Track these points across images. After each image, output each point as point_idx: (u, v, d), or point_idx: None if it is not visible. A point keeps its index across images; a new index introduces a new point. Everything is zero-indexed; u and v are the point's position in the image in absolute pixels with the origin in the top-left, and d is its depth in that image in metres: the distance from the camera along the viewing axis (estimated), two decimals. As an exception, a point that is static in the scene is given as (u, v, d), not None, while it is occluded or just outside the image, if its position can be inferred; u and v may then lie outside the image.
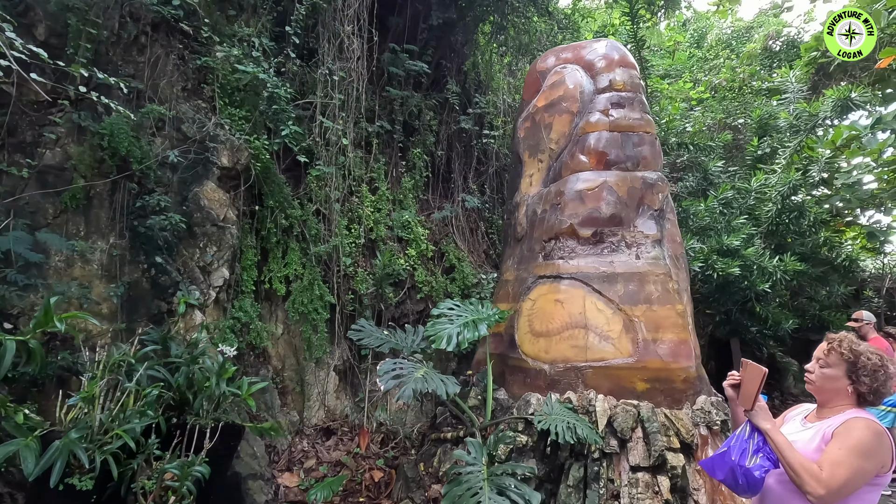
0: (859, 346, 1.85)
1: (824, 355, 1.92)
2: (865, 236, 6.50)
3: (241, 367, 4.80)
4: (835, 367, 1.88)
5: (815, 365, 1.96)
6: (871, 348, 1.86)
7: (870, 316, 5.50)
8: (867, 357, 1.82)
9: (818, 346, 1.98)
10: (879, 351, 1.84)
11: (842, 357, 1.86)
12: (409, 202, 6.80)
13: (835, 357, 1.88)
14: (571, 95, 4.57)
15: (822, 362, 1.93)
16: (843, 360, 1.86)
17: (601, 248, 4.12)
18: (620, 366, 3.73)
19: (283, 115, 4.67)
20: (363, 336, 4.11)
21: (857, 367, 1.83)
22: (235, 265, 4.67)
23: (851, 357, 1.84)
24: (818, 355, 1.96)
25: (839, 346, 1.88)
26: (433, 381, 3.37)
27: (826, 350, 1.92)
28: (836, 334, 1.96)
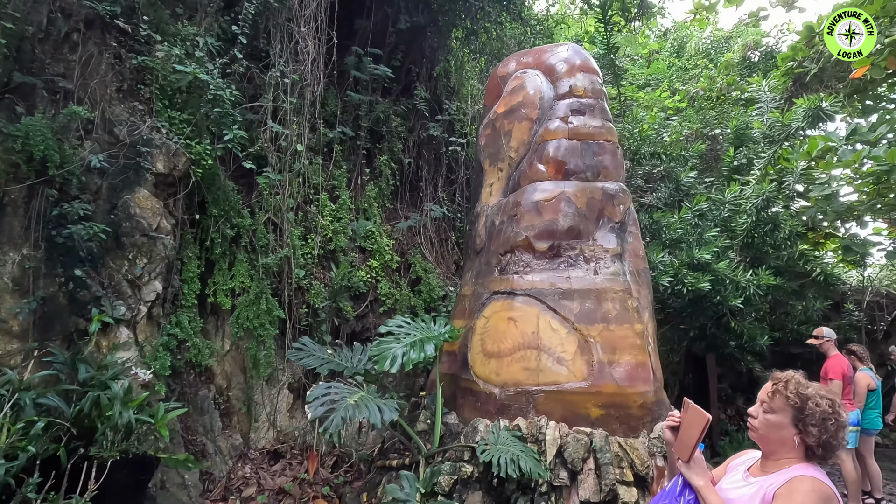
0: (807, 389, 1.57)
1: (768, 398, 1.64)
2: (841, 250, 6.32)
3: (179, 388, 4.49)
4: (780, 412, 1.59)
5: (758, 409, 1.68)
6: (821, 391, 1.58)
7: (830, 332, 5.30)
8: (816, 403, 1.54)
9: (763, 387, 1.71)
10: (832, 395, 1.58)
11: (787, 401, 1.58)
12: (374, 211, 6.53)
13: (780, 401, 1.60)
14: (531, 101, 4.35)
15: (767, 406, 1.64)
16: (789, 406, 1.57)
17: (558, 263, 3.88)
18: (574, 390, 3.47)
19: (227, 118, 4.39)
20: (303, 356, 3.82)
21: (804, 415, 1.54)
22: (172, 277, 4.37)
23: (798, 402, 1.56)
24: (762, 397, 1.67)
25: (785, 388, 1.60)
26: (366, 409, 3.08)
27: (770, 392, 1.64)
28: (782, 373, 1.68)
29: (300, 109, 5.21)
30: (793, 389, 1.58)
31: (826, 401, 1.54)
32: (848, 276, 11.01)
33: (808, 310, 6.44)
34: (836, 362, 5.02)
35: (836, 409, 1.53)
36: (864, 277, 10.64)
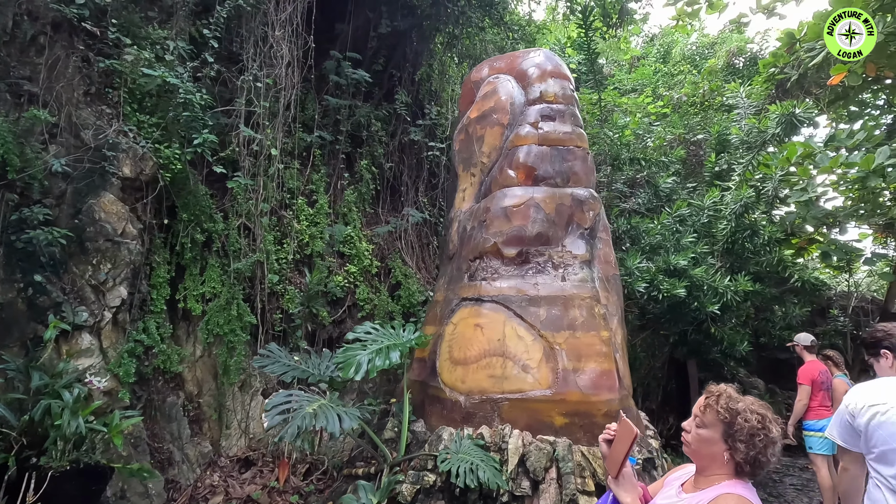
0: (737, 404, 1.53)
1: (701, 412, 1.60)
2: (820, 256, 6.31)
3: (146, 395, 4.44)
4: (711, 427, 1.55)
5: (691, 423, 1.64)
6: (752, 406, 1.53)
7: (804, 338, 5.28)
8: (745, 418, 1.49)
9: (697, 400, 1.68)
10: (763, 409, 1.54)
11: (718, 416, 1.53)
12: (353, 216, 6.50)
13: (711, 415, 1.56)
14: (502, 107, 4.33)
15: (699, 421, 1.60)
16: (720, 420, 1.53)
17: (526, 269, 3.85)
18: (538, 398, 3.43)
19: (197, 122, 4.36)
20: (268, 363, 3.77)
21: (733, 430, 1.50)
22: (140, 283, 4.32)
23: (727, 417, 1.52)
24: (695, 411, 1.64)
25: (716, 402, 1.56)
26: (325, 417, 3.04)
27: (702, 406, 1.60)
28: (716, 387, 1.64)
29: (274, 113, 5.18)
30: (723, 404, 1.54)
31: (756, 416, 1.50)
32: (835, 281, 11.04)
33: (787, 316, 6.43)
34: (807, 367, 5.00)
35: (766, 425, 1.49)
36: (849, 283, 10.67)
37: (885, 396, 2.06)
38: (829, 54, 6.44)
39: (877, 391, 2.11)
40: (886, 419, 2.00)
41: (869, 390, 2.15)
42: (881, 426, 2.01)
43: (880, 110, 8.81)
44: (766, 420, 1.51)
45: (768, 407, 1.56)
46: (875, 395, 2.09)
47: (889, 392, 2.07)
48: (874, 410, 2.05)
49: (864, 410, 2.08)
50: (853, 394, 2.19)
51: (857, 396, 2.15)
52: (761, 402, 1.57)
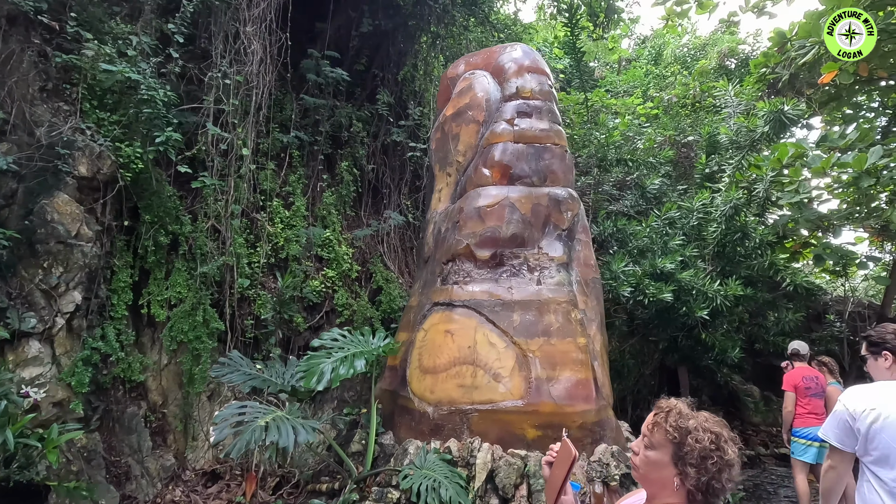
0: (688, 422, 1.32)
1: (649, 431, 1.39)
2: (813, 259, 6.13)
3: (104, 405, 4.22)
4: (659, 449, 1.34)
5: (640, 444, 1.43)
6: (706, 424, 1.32)
7: (798, 346, 5.09)
8: (696, 438, 1.28)
9: (647, 418, 1.47)
10: (718, 427, 1.33)
11: (666, 436, 1.33)
12: (332, 218, 6.31)
13: (659, 435, 1.35)
14: (478, 104, 4.15)
15: (647, 441, 1.39)
16: (669, 441, 1.32)
17: (500, 272, 3.65)
18: (509, 409, 3.23)
19: (159, 120, 4.17)
20: (227, 372, 3.57)
21: (682, 452, 1.30)
22: (98, 287, 4.12)
23: (677, 437, 1.31)
24: (644, 430, 1.42)
25: (665, 420, 1.35)
26: (277, 431, 2.83)
27: (651, 424, 1.39)
28: (666, 402, 1.42)
29: (246, 112, 5.00)
30: (672, 422, 1.33)
31: (709, 435, 1.29)
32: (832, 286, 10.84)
33: (780, 321, 6.23)
34: (790, 374, 4.84)
35: (720, 445, 1.29)
36: (845, 287, 10.48)
37: (886, 400, 2.07)
38: (819, 52, 6.31)
39: (878, 394, 2.12)
40: (889, 423, 2.02)
41: (870, 393, 2.15)
42: (884, 429, 2.03)
43: (875, 112, 8.66)
44: (721, 440, 1.30)
45: (724, 424, 1.36)
46: (877, 398, 2.10)
47: (890, 395, 2.09)
48: (877, 413, 2.06)
49: (865, 413, 2.09)
50: (853, 396, 2.18)
51: (858, 399, 2.15)
52: (717, 420, 1.36)
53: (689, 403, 1.40)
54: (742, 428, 8.79)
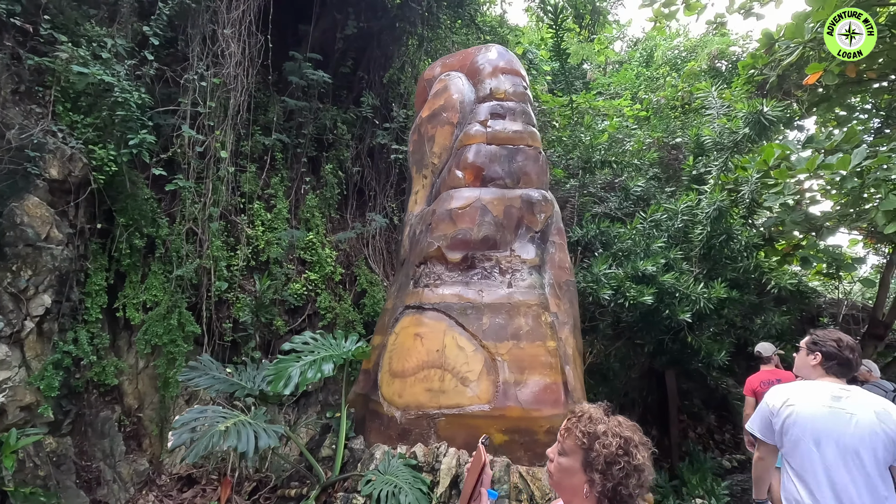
0: (597, 426, 1.29)
1: (562, 438, 1.36)
2: (800, 262, 6.06)
3: (77, 409, 4.19)
4: (571, 455, 1.32)
5: (554, 450, 1.40)
6: (616, 429, 1.29)
7: (762, 348, 5.07)
8: (603, 443, 1.25)
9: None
10: (629, 432, 1.29)
11: (577, 441, 1.30)
12: (316, 221, 6.29)
13: (571, 441, 1.32)
14: (452, 105, 4.13)
15: (560, 447, 1.37)
16: (579, 447, 1.30)
17: (471, 275, 3.62)
18: (476, 414, 3.18)
19: (133, 122, 4.16)
20: (194, 376, 3.53)
21: (590, 458, 1.28)
22: (70, 290, 4.09)
23: (585, 442, 1.28)
24: (558, 437, 1.40)
25: (575, 425, 1.33)
26: (236, 436, 2.79)
27: (564, 430, 1.37)
28: (581, 406, 1.39)
29: (225, 114, 4.98)
30: (582, 427, 1.30)
31: (617, 440, 1.26)
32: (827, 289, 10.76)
33: (767, 324, 6.16)
34: (751, 378, 4.83)
35: (628, 450, 1.25)
36: (839, 290, 10.41)
37: (800, 398, 2.34)
38: (805, 53, 6.27)
39: (794, 393, 2.38)
40: (800, 417, 2.29)
41: (787, 391, 2.41)
42: (795, 423, 2.30)
43: (868, 114, 8.60)
44: (630, 445, 1.26)
45: (636, 429, 1.32)
46: (792, 396, 2.37)
47: (802, 393, 2.35)
48: (790, 409, 2.33)
49: (782, 409, 2.37)
50: (774, 394, 2.45)
51: (777, 397, 2.43)
52: (630, 424, 1.32)
53: (604, 408, 1.37)
54: (734, 432, 8.72)
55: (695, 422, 8.70)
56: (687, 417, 8.65)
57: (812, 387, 2.35)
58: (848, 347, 2.40)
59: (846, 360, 2.37)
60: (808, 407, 2.27)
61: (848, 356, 2.38)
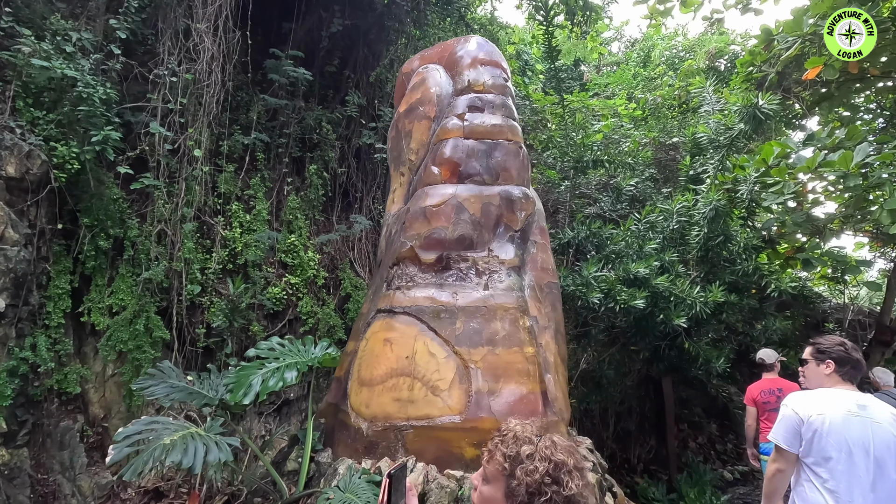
0: (521, 448, 1.08)
1: (485, 462, 1.17)
2: (801, 264, 5.80)
3: (34, 419, 3.99)
4: (493, 482, 1.13)
5: (478, 476, 1.20)
6: (545, 451, 1.08)
7: (764, 355, 4.83)
8: (526, 470, 1.04)
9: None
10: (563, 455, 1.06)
11: (498, 467, 1.11)
12: (299, 223, 6.09)
13: (492, 467, 1.13)
14: (429, 99, 3.93)
15: (483, 473, 1.17)
16: (501, 473, 1.10)
17: (446, 277, 3.40)
18: (447, 426, 2.95)
19: (97, 118, 3.99)
20: (150, 385, 3.31)
21: (511, 486, 1.07)
22: (28, 294, 3.90)
23: (507, 468, 1.09)
24: (482, 461, 1.20)
25: (497, 447, 1.13)
26: (182, 450, 2.57)
27: (486, 453, 1.17)
28: (507, 425, 1.18)
29: (197, 112, 4.81)
30: (504, 449, 1.08)
31: (545, 465, 1.03)
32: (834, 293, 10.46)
33: (767, 329, 5.90)
34: (751, 388, 4.60)
35: (557, 478, 1.02)
36: (844, 295, 10.10)
37: (831, 406, 2.25)
38: (804, 48, 6.05)
39: (823, 401, 2.28)
40: (834, 427, 2.20)
41: (816, 400, 2.30)
42: (830, 433, 2.20)
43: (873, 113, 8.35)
44: (561, 471, 1.03)
45: (573, 451, 1.09)
46: (823, 404, 2.26)
47: (834, 402, 2.26)
48: (823, 418, 2.22)
49: (813, 418, 2.25)
50: (802, 402, 2.32)
51: (807, 405, 2.30)
52: (566, 446, 1.10)
53: (539, 425, 1.15)
54: (737, 442, 8.41)
55: (695, 431, 8.40)
56: (687, 427, 8.35)
57: (837, 395, 2.28)
58: (854, 349, 2.38)
59: (857, 362, 2.34)
60: (840, 416, 2.20)
61: (857, 357, 2.36)
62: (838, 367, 2.34)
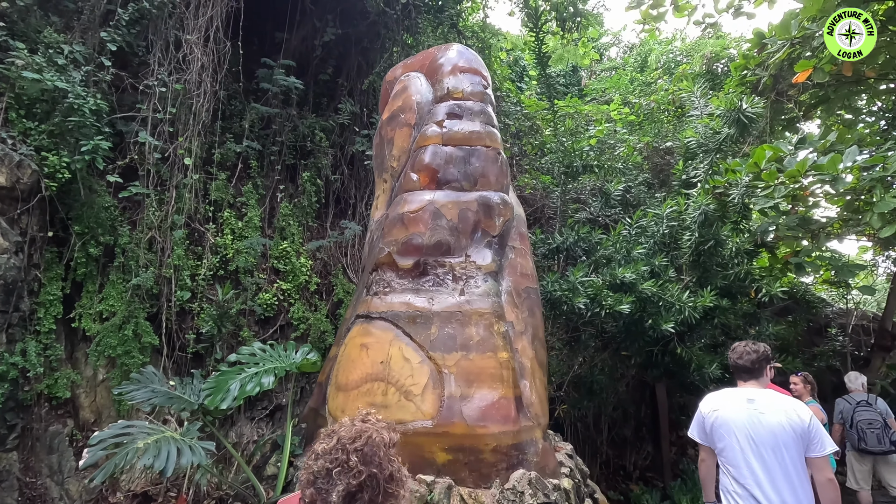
0: (320, 446, 1.11)
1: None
2: (794, 268, 5.74)
3: (24, 423, 4.06)
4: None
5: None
6: (326, 446, 1.10)
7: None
8: (306, 464, 1.06)
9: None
10: (319, 462, 1.07)
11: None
12: (292, 230, 6.16)
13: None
14: (410, 106, 3.98)
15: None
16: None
17: (423, 282, 3.42)
18: (419, 431, 2.97)
19: (86, 129, 4.08)
20: (132, 390, 3.37)
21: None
22: (19, 300, 3.99)
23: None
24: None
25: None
26: (156, 454, 2.62)
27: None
28: (329, 427, 1.20)
29: (188, 120, 4.90)
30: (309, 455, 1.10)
31: (323, 459, 1.04)
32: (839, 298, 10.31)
33: (760, 335, 5.84)
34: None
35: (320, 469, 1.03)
36: (847, 300, 9.96)
37: (724, 402, 2.74)
38: (795, 51, 6.02)
39: (721, 399, 2.78)
40: (723, 420, 2.67)
41: (717, 398, 2.81)
42: (722, 426, 2.67)
43: (875, 116, 8.26)
44: (328, 457, 1.05)
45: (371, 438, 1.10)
46: (720, 402, 2.77)
47: (725, 399, 2.77)
48: (716, 414, 2.72)
49: (710, 414, 2.76)
50: (706, 402, 2.86)
51: (708, 403, 2.84)
52: (368, 427, 1.10)
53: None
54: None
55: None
56: (685, 433, 8.26)
57: (732, 393, 2.80)
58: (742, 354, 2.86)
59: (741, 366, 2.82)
60: (729, 410, 2.68)
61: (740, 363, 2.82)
62: (734, 374, 2.89)
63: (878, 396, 5.45)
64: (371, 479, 0.99)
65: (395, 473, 1.02)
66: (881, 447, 5.16)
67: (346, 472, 0.98)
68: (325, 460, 1.00)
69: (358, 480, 0.98)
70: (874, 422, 5.24)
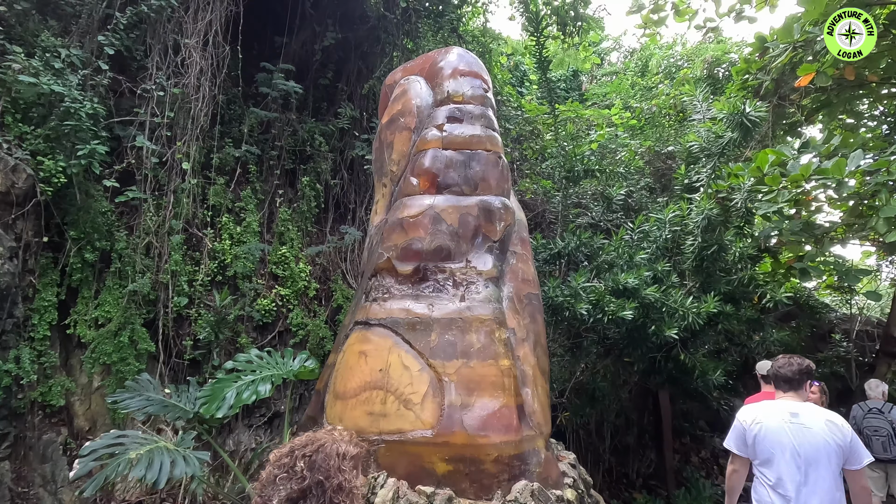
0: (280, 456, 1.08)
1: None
2: (797, 273, 5.68)
3: (17, 431, 3.99)
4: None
5: None
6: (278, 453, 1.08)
7: (762, 366, 4.75)
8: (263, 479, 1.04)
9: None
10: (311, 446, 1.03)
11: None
12: (291, 235, 6.11)
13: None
14: (409, 110, 3.93)
15: None
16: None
17: (423, 288, 3.36)
18: (418, 440, 2.90)
19: (83, 133, 4.04)
20: (125, 398, 3.31)
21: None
22: (13, 306, 3.93)
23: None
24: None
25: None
26: (147, 464, 2.55)
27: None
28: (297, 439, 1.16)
29: (186, 125, 4.86)
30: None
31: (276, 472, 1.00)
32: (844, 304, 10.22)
33: (765, 341, 5.77)
34: (748, 400, 4.50)
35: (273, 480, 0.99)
36: (852, 305, 9.87)
37: (767, 414, 2.81)
38: (798, 55, 5.98)
39: (764, 411, 2.85)
40: (768, 432, 2.74)
41: (758, 411, 2.87)
42: (765, 438, 2.74)
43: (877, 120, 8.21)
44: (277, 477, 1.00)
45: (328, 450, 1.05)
46: (762, 414, 2.83)
47: (767, 412, 2.84)
48: (760, 426, 2.78)
49: (752, 426, 2.81)
50: (746, 413, 2.90)
51: (748, 414, 2.90)
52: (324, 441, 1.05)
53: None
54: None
55: (697, 445, 8.21)
56: (689, 440, 8.16)
57: (774, 406, 2.85)
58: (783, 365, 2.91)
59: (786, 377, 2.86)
60: (774, 423, 2.74)
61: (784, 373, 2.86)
62: (774, 384, 2.94)
63: (894, 405, 5.40)
64: (317, 487, 0.94)
65: (345, 485, 0.96)
66: (887, 455, 5.10)
67: (290, 478, 0.93)
68: (273, 467, 0.97)
69: (300, 486, 0.93)
70: (880, 429, 5.19)
